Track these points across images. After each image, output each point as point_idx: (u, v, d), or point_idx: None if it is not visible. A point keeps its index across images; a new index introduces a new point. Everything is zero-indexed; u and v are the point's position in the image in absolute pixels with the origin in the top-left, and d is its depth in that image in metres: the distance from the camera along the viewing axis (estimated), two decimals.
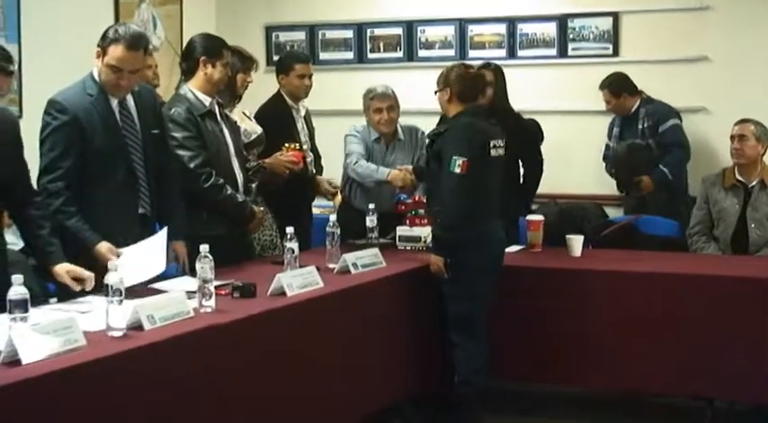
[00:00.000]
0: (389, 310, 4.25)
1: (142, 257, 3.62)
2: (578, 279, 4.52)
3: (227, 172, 4.28)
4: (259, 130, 4.86)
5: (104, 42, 3.65)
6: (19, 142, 3.45)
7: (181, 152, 4.11)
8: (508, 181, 5.22)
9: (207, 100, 4.26)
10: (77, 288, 3.36)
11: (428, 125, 4.65)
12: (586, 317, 4.46)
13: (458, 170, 4.17)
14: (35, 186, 3.60)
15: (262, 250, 4.68)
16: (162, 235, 3.74)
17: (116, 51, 3.59)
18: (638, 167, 5.86)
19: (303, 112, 5.27)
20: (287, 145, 4.86)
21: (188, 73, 4.32)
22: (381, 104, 5.11)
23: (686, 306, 4.30)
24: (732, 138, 5.17)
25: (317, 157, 5.37)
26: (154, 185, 3.88)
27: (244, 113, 4.90)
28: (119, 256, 3.48)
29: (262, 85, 5.22)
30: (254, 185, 4.52)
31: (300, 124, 5.21)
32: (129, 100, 3.81)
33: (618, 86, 6.03)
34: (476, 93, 4.45)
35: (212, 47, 4.28)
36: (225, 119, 4.39)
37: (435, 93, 4.44)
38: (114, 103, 3.75)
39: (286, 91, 5.20)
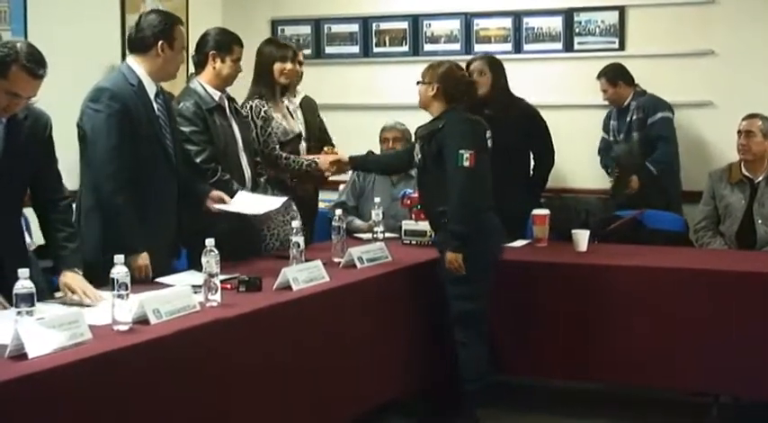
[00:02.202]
0: (395, 305, 4.25)
1: (255, 200, 4.10)
2: (584, 274, 4.51)
3: (234, 166, 4.29)
4: (297, 129, 4.86)
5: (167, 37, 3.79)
6: (51, 142, 3.45)
7: (187, 146, 4.12)
8: (517, 174, 5.24)
9: (216, 94, 4.28)
10: (71, 298, 3.30)
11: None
12: (592, 312, 4.46)
13: (467, 164, 4.11)
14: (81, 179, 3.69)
15: (281, 245, 4.64)
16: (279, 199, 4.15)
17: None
18: (633, 170, 5.86)
19: (298, 100, 5.25)
20: (326, 149, 4.90)
21: (198, 66, 4.34)
22: (388, 135, 5.59)
23: (692, 301, 4.29)
24: (739, 133, 5.16)
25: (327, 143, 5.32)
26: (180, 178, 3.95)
27: (288, 109, 4.90)
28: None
29: None
30: (262, 179, 4.53)
31: (292, 112, 5.17)
32: (160, 92, 3.88)
33: (614, 75, 6.03)
34: (464, 97, 4.41)
35: (223, 41, 4.30)
36: (234, 113, 4.40)
37: (418, 83, 4.36)
38: (152, 94, 3.81)
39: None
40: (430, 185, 4.36)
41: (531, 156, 5.46)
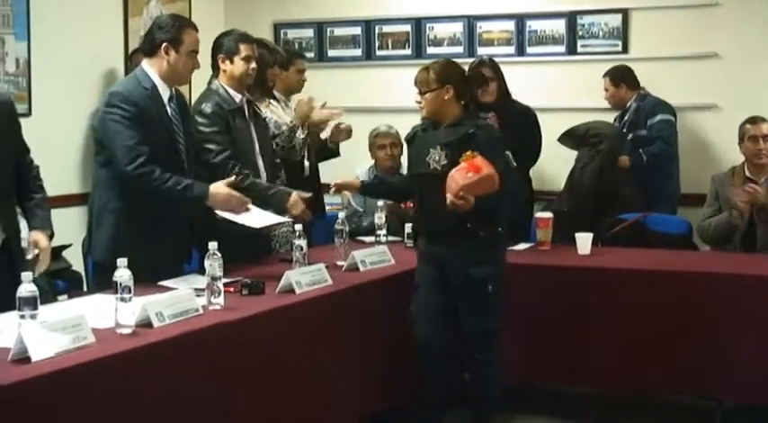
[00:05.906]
0: (398, 308, 4.24)
1: (258, 214, 3.97)
2: (588, 277, 4.50)
3: (251, 169, 4.28)
4: (288, 120, 4.87)
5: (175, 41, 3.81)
6: (16, 120, 3.45)
7: (209, 146, 4.15)
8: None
9: (237, 96, 4.32)
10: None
11: None
12: (596, 315, 4.44)
13: (515, 164, 4.06)
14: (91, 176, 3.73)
15: (280, 247, 4.62)
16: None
17: None
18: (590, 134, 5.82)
19: (293, 105, 5.26)
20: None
21: (214, 69, 4.38)
22: (385, 141, 5.56)
23: (696, 304, 4.28)
24: (754, 138, 5.08)
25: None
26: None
27: (272, 104, 4.95)
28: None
29: None
30: (278, 182, 4.51)
31: (290, 117, 5.18)
32: (174, 96, 3.89)
33: (618, 76, 6.05)
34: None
35: (227, 43, 4.33)
36: (253, 116, 4.42)
37: (426, 93, 4.06)
38: (166, 98, 3.83)
39: (279, 85, 5.18)
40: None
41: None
